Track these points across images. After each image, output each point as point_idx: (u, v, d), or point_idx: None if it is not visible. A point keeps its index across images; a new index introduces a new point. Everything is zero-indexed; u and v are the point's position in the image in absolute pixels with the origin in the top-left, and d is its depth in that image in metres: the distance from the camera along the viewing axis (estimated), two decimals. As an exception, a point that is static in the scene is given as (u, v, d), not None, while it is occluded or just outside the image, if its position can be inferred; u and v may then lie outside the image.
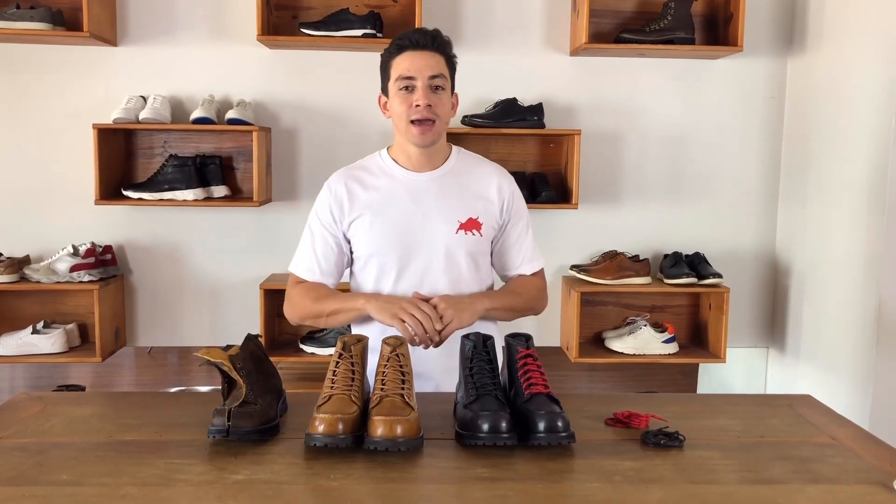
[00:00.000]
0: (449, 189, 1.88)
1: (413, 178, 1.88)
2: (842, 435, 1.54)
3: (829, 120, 2.99)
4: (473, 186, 1.90)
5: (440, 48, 1.82)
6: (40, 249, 3.18)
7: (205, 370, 3.28)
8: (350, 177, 1.92)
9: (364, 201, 1.87)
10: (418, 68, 1.78)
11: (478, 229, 1.87)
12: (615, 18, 3.22)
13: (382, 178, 1.90)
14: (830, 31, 3.00)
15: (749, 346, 3.46)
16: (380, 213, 1.86)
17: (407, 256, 1.85)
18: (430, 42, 1.80)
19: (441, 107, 1.81)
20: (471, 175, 1.92)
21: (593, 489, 1.27)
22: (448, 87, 1.83)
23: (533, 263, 1.98)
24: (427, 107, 1.78)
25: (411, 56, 1.79)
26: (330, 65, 3.19)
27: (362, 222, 1.87)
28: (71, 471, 1.32)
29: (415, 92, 1.79)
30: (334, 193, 1.90)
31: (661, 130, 3.30)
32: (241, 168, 3.22)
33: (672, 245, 3.33)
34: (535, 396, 1.47)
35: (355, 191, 1.89)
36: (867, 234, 2.72)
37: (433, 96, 1.79)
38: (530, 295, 1.97)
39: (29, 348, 3.03)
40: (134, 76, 3.14)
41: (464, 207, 1.87)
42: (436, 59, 1.80)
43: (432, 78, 1.79)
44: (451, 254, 1.85)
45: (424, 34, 1.81)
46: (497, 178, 1.93)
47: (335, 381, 1.47)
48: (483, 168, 1.96)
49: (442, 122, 1.83)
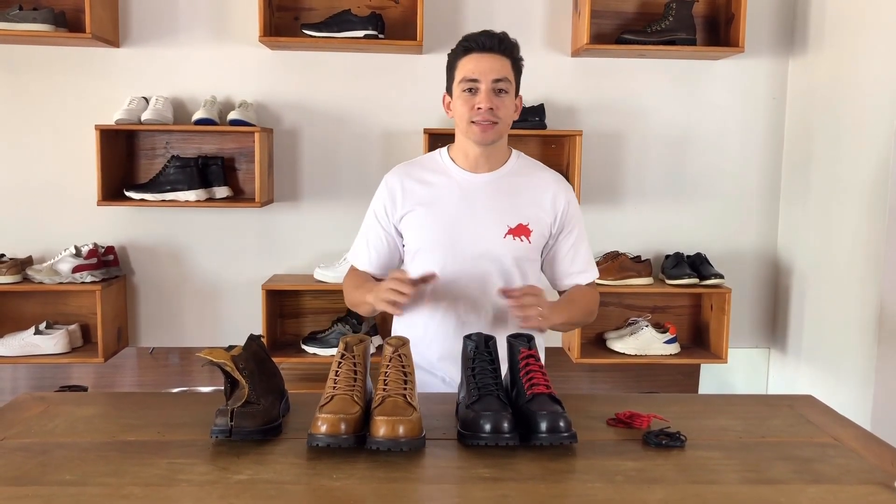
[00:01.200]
0: (502, 192, 1.88)
1: (468, 178, 1.89)
2: (843, 435, 1.54)
3: (830, 120, 2.99)
4: (528, 193, 1.90)
5: (506, 51, 1.82)
6: (43, 250, 3.18)
7: (207, 370, 3.29)
8: (406, 173, 1.94)
9: (417, 196, 1.89)
10: (483, 71, 1.79)
11: (527, 236, 1.86)
12: (616, 19, 3.22)
13: (438, 176, 1.91)
14: (832, 32, 3.00)
15: (751, 347, 3.46)
16: (430, 209, 1.88)
17: (452, 255, 1.85)
18: (496, 44, 1.80)
19: (503, 109, 1.81)
20: (527, 181, 1.92)
21: (595, 489, 1.27)
22: (512, 90, 1.83)
23: (587, 274, 1.96)
24: (489, 110, 1.79)
25: (477, 58, 1.80)
26: (332, 66, 3.20)
27: (414, 217, 1.89)
28: (74, 471, 1.32)
29: (478, 94, 1.80)
30: (389, 188, 1.92)
31: (662, 131, 3.30)
32: (243, 169, 3.22)
33: (673, 245, 3.33)
34: (537, 397, 1.47)
35: (409, 186, 1.91)
36: (869, 235, 2.72)
37: (496, 99, 1.80)
38: (588, 307, 1.95)
39: (31, 349, 3.03)
40: (136, 77, 3.14)
41: (515, 212, 1.86)
42: (501, 62, 1.81)
43: (496, 81, 1.79)
44: (496, 257, 1.85)
45: (491, 36, 1.81)
46: (553, 187, 1.92)
47: (337, 382, 1.47)
48: (541, 175, 1.95)
49: (504, 125, 1.84)
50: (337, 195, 3.23)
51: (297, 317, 3.33)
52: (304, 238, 3.26)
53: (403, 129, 3.17)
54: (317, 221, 3.27)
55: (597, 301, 1.98)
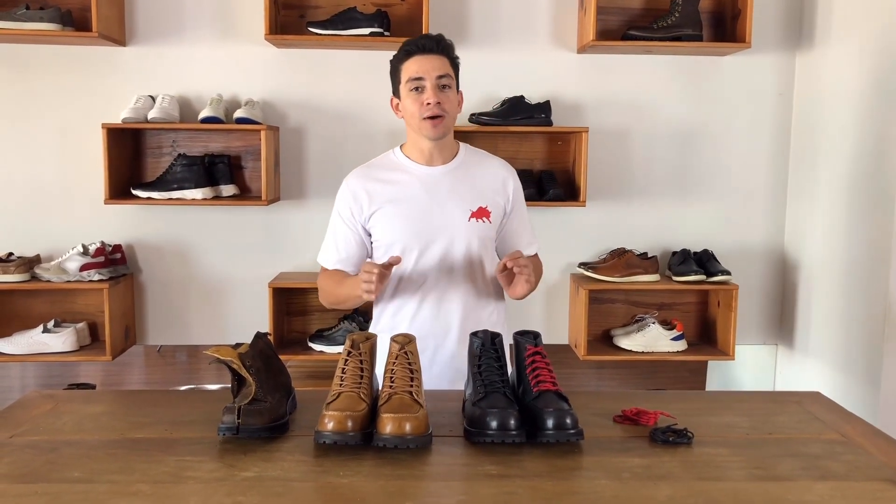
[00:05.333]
0: (460, 182, 2.04)
1: (427, 172, 2.03)
2: (851, 432, 1.54)
3: (837, 116, 2.97)
4: (482, 179, 2.07)
5: (444, 51, 1.98)
6: (50, 249, 3.19)
7: (214, 368, 3.30)
8: (366, 175, 2.07)
9: (383, 195, 2.02)
10: (426, 70, 1.94)
11: (487, 217, 2.03)
12: (622, 15, 3.21)
13: (398, 174, 2.04)
14: (839, 27, 2.99)
15: (758, 344, 3.45)
16: (399, 205, 2.01)
17: (425, 242, 1.99)
18: (434, 46, 1.96)
19: (449, 103, 1.97)
20: (479, 169, 2.09)
21: (602, 486, 1.27)
22: (454, 85, 1.99)
23: (532, 247, 2.18)
24: (437, 104, 1.94)
25: (419, 60, 1.95)
26: (337, 63, 3.20)
27: (383, 214, 2.01)
28: (82, 468, 1.33)
29: (425, 91, 1.94)
30: (352, 191, 2.05)
31: (668, 127, 3.29)
32: (250, 167, 3.23)
33: (680, 242, 3.33)
34: (544, 394, 1.47)
35: (372, 187, 2.03)
36: (876, 231, 2.70)
37: (441, 94, 1.95)
38: (539, 272, 2.20)
39: (39, 347, 3.05)
40: (143, 76, 3.15)
41: (474, 198, 2.03)
42: (441, 61, 1.96)
43: (440, 78, 1.94)
44: (464, 239, 2.00)
45: (429, 39, 1.98)
46: (503, 173, 2.11)
47: (344, 379, 1.47)
48: (490, 162, 2.13)
49: (450, 118, 1.99)
50: (343, 193, 3.23)
51: (304, 314, 3.34)
52: (310, 236, 3.26)
53: (409, 126, 3.17)
54: (323, 219, 3.19)
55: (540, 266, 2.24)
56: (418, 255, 2.00)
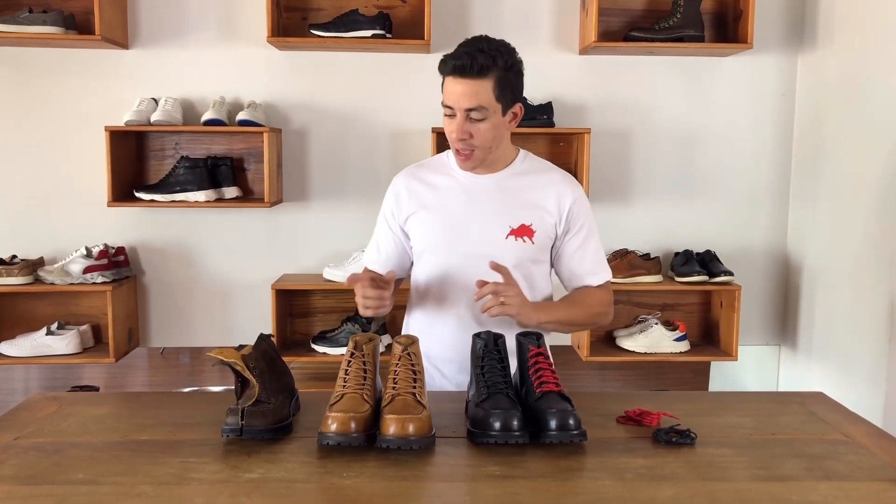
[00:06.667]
0: (506, 193, 1.85)
1: (472, 179, 1.87)
2: (855, 432, 1.54)
3: (840, 117, 2.97)
4: (532, 193, 1.86)
5: (483, 71, 1.70)
6: (54, 251, 3.20)
7: (217, 370, 3.30)
8: (412, 174, 1.94)
9: (421, 198, 1.90)
10: (456, 99, 1.73)
11: (530, 237, 1.83)
12: (624, 17, 3.21)
13: (442, 177, 1.90)
14: (841, 27, 2.99)
15: (761, 344, 3.45)
16: (434, 211, 1.88)
17: (455, 256, 1.85)
18: (468, 67, 1.69)
19: (480, 137, 1.75)
20: (533, 181, 1.88)
21: (605, 487, 1.27)
22: (490, 114, 1.74)
23: (595, 276, 1.91)
24: (462, 140, 1.75)
25: (452, 83, 1.73)
26: (340, 65, 3.20)
27: (418, 218, 1.89)
28: (87, 470, 1.33)
29: (455, 120, 1.75)
30: (395, 190, 1.94)
31: (671, 128, 3.29)
32: (252, 169, 3.23)
33: (683, 243, 3.32)
34: (547, 394, 1.47)
35: (414, 187, 1.91)
36: (879, 231, 2.70)
37: (471, 127, 1.74)
38: (592, 310, 1.90)
39: (43, 349, 3.05)
40: (145, 78, 3.16)
41: (517, 213, 1.84)
42: (475, 88, 1.70)
43: (469, 111, 1.72)
44: (498, 259, 1.78)
45: (467, 56, 1.70)
46: (558, 187, 1.88)
47: (347, 381, 1.47)
48: (547, 175, 1.91)
49: (482, 150, 1.78)
50: (346, 194, 3.24)
51: (307, 316, 3.34)
52: (313, 237, 3.27)
53: (412, 128, 3.17)
54: (326, 221, 3.27)
55: (605, 303, 1.93)
56: (445, 270, 1.85)
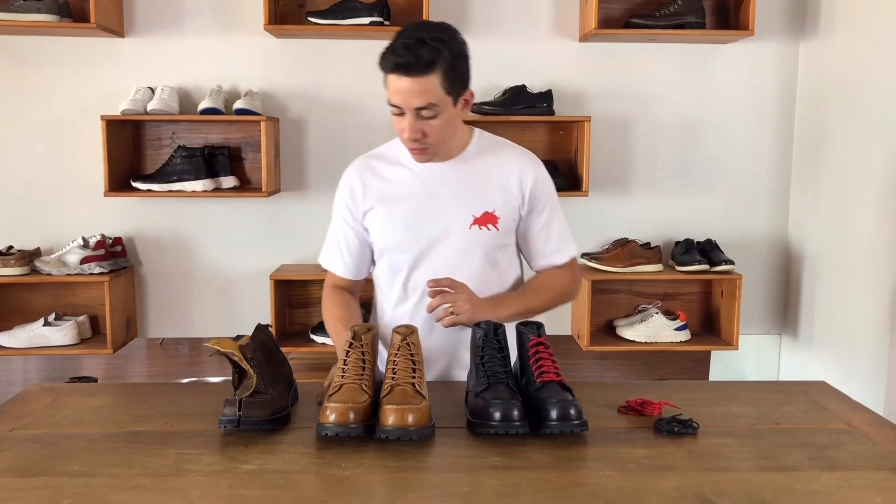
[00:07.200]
0: (466, 180, 1.76)
1: (427, 168, 1.76)
2: (858, 421, 1.53)
3: (841, 105, 2.95)
4: (492, 176, 1.77)
5: (429, 67, 1.57)
6: (51, 242, 3.19)
7: (215, 361, 3.28)
8: (365, 167, 1.83)
9: (377, 193, 1.79)
10: (403, 99, 1.60)
11: (494, 223, 1.75)
12: (624, 3, 3.19)
13: (396, 168, 1.80)
14: (843, 15, 2.96)
15: (762, 333, 3.44)
16: (391, 206, 1.77)
17: (418, 253, 1.77)
18: (413, 64, 1.56)
19: (434, 134, 1.65)
20: (491, 163, 1.78)
21: (607, 477, 1.26)
22: (441, 109, 1.62)
23: (560, 254, 1.85)
24: (415, 139, 1.65)
25: (397, 81, 1.59)
26: (337, 53, 3.18)
27: (375, 215, 1.79)
28: (83, 461, 1.32)
29: (404, 117, 1.63)
30: (349, 184, 1.83)
31: (671, 116, 3.27)
32: (250, 158, 3.21)
33: (683, 232, 3.31)
34: (547, 384, 1.46)
35: (368, 180, 1.80)
36: (880, 220, 2.69)
37: (423, 124, 1.63)
38: (554, 292, 1.85)
39: (41, 340, 3.04)
40: (142, 67, 3.13)
41: (479, 200, 1.75)
42: (423, 85, 1.58)
43: (419, 109, 1.61)
44: (464, 251, 1.74)
45: (409, 52, 1.57)
46: (518, 165, 1.79)
47: (346, 371, 1.46)
48: (505, 154, 1.81)
49: (437, 144, 1.69)
50: (344, 184, 3.22)
51: (306, 306, 3.33)
52: (311, 227, 3.25)
53: (410, 116, 3.15)
54: (324, 210, 3.17)
55: (567, 283, 1.87)
56: (410, 268, 1.77)
